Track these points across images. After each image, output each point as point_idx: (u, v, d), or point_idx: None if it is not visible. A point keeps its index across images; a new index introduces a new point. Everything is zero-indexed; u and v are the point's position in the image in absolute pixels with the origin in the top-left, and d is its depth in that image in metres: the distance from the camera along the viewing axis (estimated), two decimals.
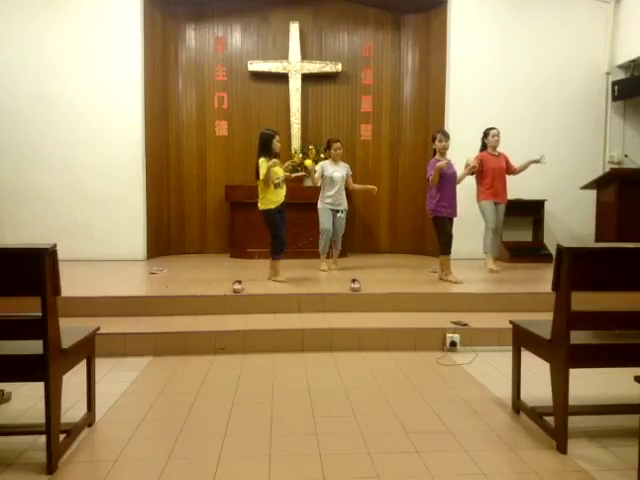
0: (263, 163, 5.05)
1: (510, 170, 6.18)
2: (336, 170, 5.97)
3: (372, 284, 5.03)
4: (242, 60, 7.82)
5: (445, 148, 5.35)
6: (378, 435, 2.56)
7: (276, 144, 5.19)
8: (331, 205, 5.97)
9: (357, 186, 6.23)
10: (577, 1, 7.33)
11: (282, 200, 5.22)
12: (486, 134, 6.18)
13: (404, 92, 8.09)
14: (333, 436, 2.54)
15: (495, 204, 6.08)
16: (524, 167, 6.14)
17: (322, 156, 7.28)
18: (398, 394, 3.12)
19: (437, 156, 5.35)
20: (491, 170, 6.05)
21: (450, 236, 5.37)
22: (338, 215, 5.99)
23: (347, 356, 3.87)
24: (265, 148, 5.15)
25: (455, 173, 5.39)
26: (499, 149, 6.19)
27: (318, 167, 6.03)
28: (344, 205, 6.04)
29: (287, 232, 6.96)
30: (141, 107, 7.04)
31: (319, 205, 6.01)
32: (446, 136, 5.38)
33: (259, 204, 5.23)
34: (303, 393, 3.12)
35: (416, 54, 7.98)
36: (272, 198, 5.15)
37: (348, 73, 7.95)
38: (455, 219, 5.86)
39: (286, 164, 5.46)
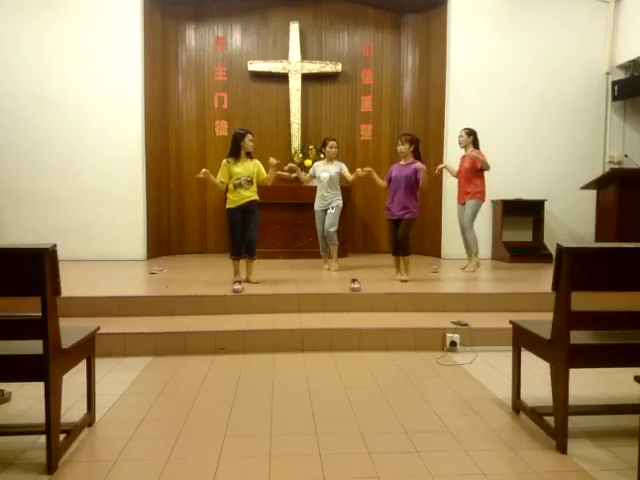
0: (222, 165, 5.08)
1: (477, 167, 5.85)
2: (325, 170, 5.98)
3: (372, 284, 5.03)
4: (242, 60, 7.83)
5: (401, 152, 5.33)
6: (378, 435, 2.56)
7: (248, 143, 5.07)
8: (322, 205, 6.02)
9: (352, 178, 5.90)
10: (577, 1, 7.34)
11: (244, 201, 5.05)
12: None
13: (404, 92, 8.09)
14: (333, 436, 2.54)
15: (462, 205, 6.03)
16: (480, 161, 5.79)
17: (322, 156, 7.28)
18: (398, 394, 3.12)
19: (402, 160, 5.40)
20: (458, 172, 6.06)
21: (393, 240, 5.35)
22: (328, 211, 6.00)
23: (347, 356, 3.87)
24: (233, 148, 5.11)
25: (401, 175, 5.24)
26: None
27: (311, 169, 6.18)
28: (335, 203, 5.99)
29: (286, 232, 7.03)
30: (141, 107, 7.04)
31: (314, 207, 6.10)
32: (403, 140, 5.31)
33: None
34: (303, 393, 3.12)
35: (416, 54, 7.98)
36: (231, 197, 5.10)
37: (348, 73, 7.96)
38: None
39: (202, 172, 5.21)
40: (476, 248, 6.07)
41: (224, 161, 5.11)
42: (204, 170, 5.06)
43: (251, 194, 5.12)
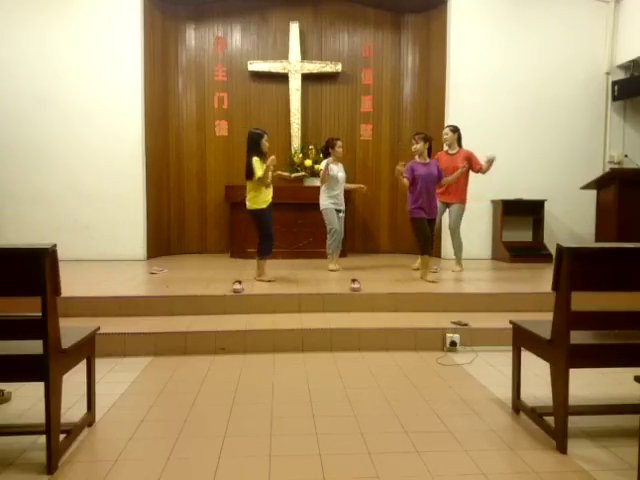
0: (258, 162, 5.06)
1: (476, 168, 5.81)
2: (340, 170, 5.98)
3: (372, 284, 5.03)
4: (242, 60, 7.83)
5: (416, 150, 5.34)
6: (378, 435, 2.56)
7: (264, 144, 5.17)
8: (335, 205, 5.97)
9: (348, 185, 6.21)
10: (577, 1, 7.33)
11: (271, 200, 5.24)
12: None
13: (404, 92, 8.09)
14: (333, 436, 2.54)
15: (446, 205, 5.96)
16: (487, 167, 5.76)
17: (321, 156, 7.27)
18: (398, 394, 3.12)
19: (416, 158, 5.40)
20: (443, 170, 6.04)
21: (427, 237, 5.34)
22: (340, 215, 6.01)
23: (347, 356, 3.87)
24: (256, 148, 5.14)
25: (432, 174, 5.29)
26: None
27: (323, 166, 5.84)
28: (344, 206, 6.08)
29: (286, 232, 7.03)
30: (141, 107, 7.04)
31: (323, 205, 5.94)
32: (417, 139, 5.34)
33: (248, 203, 5.22)
34: (303, 393, 3.12)
35: (416, 54, 7.98)
36: (264, 197, 5.16)
37: (348, 73, 7.96)
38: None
39: (268, 162, 5.19)
40: (461, 256, 6.07)
41: (257, 159, 5.09)
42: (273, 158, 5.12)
43: (272, 193, 5.29)
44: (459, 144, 6.00)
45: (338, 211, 5.99)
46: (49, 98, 6.88)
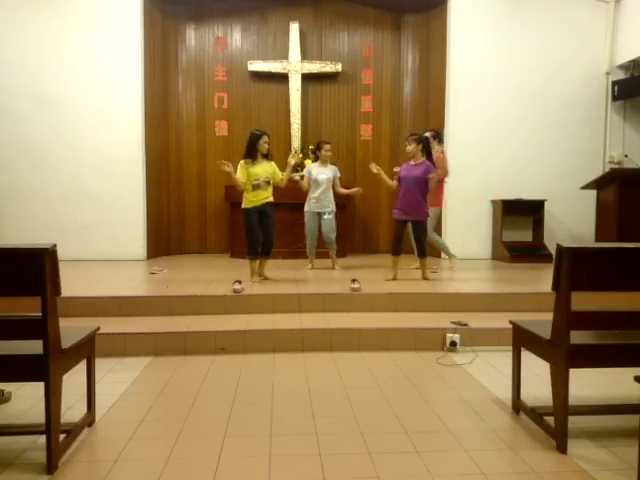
0: (240, 166, 5.10)
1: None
2: (321, 172, 6.00)
3: (372, 284, 5.03)
4: (242, 60, 7.83)
5: (409, 152, 5.34)
6: (378, 435, 2.55)
7: (263, 145, 5.13)
8: (315, 207, 6.00)
9: (343, 190, 6.18)
10: (577, 1, 7.33)
11: (263, 201, 5.15)
12: None
13: (404, 92, 8.09)
14: (333, 436, 2.54)
15: None
16: (440, 170, 5.71)
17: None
18: (398, 394, 3.12)
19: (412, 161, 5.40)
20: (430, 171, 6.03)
21: (396, 239, 5.36)
22: (325, 217, 6.02)
23: (347, 356, 3.86)
24: (250, 149, 5.13)
25: (411, 175, 5.25)
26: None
27: (305, 172, 6.09)
28: (330, 207, 6.06)
29: (286, 232, 7.02)
30: (141, 107, 7.04)
31: (304, 208, 6.08)
32: (409, 140, 5.32)
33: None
34: (303, 393, 3.12)
35: (416, 54, 7.99)
36: (250, 198, 5.15)
37: (348, 73, 7.96)
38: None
39: (288, 169, 5.41)
40: (448, 250, 6.10)
41: (242, 162, 5.12)
42: (227, 163, 5.04)
43: (268, 195, 5.21)
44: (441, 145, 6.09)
45: (322, 213, 6.01)
46: (49, 98, 6.88)
